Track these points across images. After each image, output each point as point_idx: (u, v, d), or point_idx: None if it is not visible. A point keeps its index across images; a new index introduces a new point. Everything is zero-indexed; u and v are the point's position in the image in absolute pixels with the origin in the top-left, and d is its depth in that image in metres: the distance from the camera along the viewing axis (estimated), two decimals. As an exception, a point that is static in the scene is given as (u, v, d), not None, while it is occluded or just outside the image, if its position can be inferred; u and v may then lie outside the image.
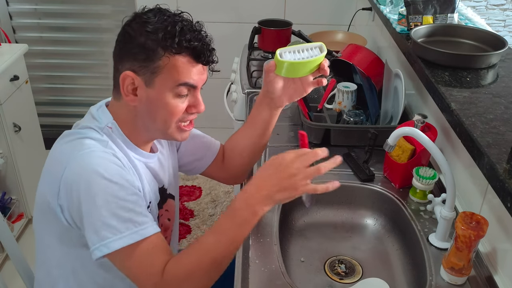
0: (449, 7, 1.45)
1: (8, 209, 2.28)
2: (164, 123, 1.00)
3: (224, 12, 2.58)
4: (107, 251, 0.89)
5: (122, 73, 0.96)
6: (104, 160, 0.94)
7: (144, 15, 0.97)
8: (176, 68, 0.95)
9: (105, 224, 0.89)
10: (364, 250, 1.23)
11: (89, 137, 0.98)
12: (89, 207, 0.90)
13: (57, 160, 0.97)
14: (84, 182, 0.91)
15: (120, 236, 0.89)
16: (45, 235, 1.04)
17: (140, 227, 0.91)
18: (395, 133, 1.10)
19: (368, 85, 1.53)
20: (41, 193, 1.01)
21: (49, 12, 2.77)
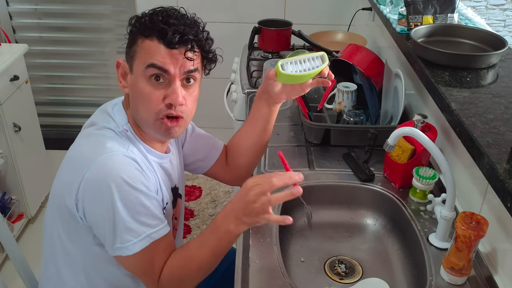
0: (449, 7, 1.45)
1: (8, 209, 2.28)
2: (146, 112, 1.00)
3: (224, 12, 2.58)
4: (129, 253, 0.95)
5: (117, 60, 1.03)
6: (125, 165, 0.96)
7: (149, 11, 1.00)
8: (145, 50, 0.96)
9: (127, 228, 0.93)
10: (364, 250, 1.23)
11: (109, 139, 0.99)
12: (109, 211, 0.93)
13: (77, 160, 0.98)
14: (106, 186, 0.92)
15: (139, 238, 0.94)
16: (57, 231, 1.04)
17: (154, 229, 0.96)
18: (395, 133, 1.10)
19: (368, 85, 1.53)
20: (57, 190, 1.02)
21: (49, 12, 2.77)
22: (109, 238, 0.95)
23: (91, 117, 1.09)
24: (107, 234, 0.95)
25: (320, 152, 1.46)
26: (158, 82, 0.97)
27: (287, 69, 1.05)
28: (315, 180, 1.33)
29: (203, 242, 0.99)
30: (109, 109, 1.06)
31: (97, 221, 0.95)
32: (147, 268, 0.98)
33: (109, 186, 0.92)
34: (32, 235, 2.37)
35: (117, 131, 1.02)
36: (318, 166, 1.39)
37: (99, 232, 0.97)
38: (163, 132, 1.02)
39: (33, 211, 2.39)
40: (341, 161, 1.41)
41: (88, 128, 1.05)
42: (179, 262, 0.99)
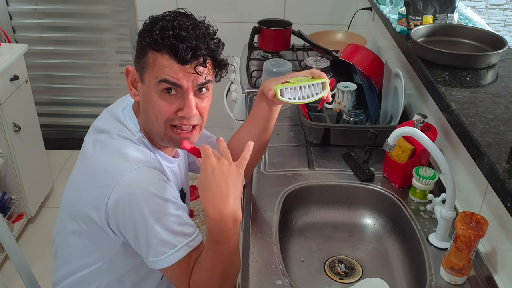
0: (449, 7, 1.45)
1: (8, 209, 2.28)
2: (156, 122, 0.99)
3: (224, 12, 2.58)
4: (166, 265, 0.94)
5: (126, 67, 1.02)
6: (151, 178, 0.96)
7: (159, 16, 0.99)
8: (157, 65, 0.95)
9: (161, 241, 0.93)
10: (364, 250, 1.23)
11: (131, 150, 0.98)
12: (143, 226, 0.93)
13: (102, 176, 0.96)
14: (136, 202, 0.93)
15: (175, 249, 0.94)
16: (76, 238, 1.03)
17: (190, 238, 0.96)
18: (395, 133, 1.10)
19: (368, 85, 1.53)
20: (79, 204, 1.00)
21: (49, 12, 2.76)
22: (145, 252, 0.95)
23: (101, 121, 1.07)
24: (142, 249, 0.95)
25: (320, 152, 1.46)
26: (171, 95, 0.97)
27: (286, 95, 1.06)
28: (315, 180, 1.33)
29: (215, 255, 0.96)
30: (119, 114, 1.05)
31: (132, 237, 0.95)
32: (185, 277, 0.97)
33: (138, 202, 0.92)
34: (32, 235, 2.37)
35: (134, 140, 1.02)
36: (318, 166, 1.39)
37: (136, 247, 0.97)
38: (175, 143, 1.02)
39: (33, 211, 2.39)
40: (341, 161, 1.41)
41: (102, 135, 1.03)
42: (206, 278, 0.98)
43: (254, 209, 1.23)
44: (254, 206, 1.24)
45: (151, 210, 0.92)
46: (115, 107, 1.09)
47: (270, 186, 1.31)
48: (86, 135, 1.08)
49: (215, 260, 0.95)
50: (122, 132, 1.02)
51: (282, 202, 1.25)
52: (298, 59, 2.06)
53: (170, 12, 0.99)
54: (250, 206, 1.24)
